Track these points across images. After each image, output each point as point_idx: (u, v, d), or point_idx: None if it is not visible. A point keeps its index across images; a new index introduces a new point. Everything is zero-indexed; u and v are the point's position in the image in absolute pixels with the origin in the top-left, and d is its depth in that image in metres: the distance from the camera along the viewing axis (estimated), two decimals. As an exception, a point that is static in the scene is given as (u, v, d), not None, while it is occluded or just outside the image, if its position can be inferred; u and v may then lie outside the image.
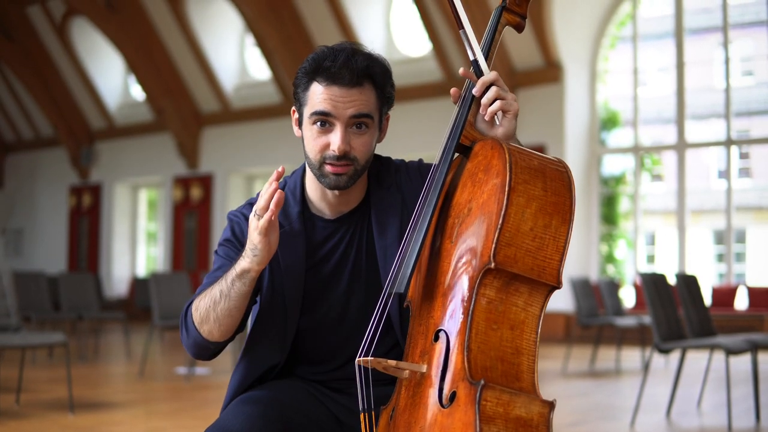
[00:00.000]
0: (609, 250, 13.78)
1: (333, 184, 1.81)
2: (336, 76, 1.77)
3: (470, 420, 1.46)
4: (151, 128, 17.76)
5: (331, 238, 1.90)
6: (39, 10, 17.90)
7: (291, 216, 1.90)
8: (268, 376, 1.92)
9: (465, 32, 1.77)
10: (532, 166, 1.61)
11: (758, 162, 21.86)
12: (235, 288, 1.73)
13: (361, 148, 1.80)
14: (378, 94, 1.82)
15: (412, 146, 13.14)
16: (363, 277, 1.90)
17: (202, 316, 1.79)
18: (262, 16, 13.97)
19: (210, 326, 1.79)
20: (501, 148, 1.62)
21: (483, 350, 1.54)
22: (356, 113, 1.77)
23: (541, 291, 1.58)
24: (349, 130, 1.79)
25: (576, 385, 7.48)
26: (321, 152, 1.80)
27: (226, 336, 1.81)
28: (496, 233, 1.54)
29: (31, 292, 8.89)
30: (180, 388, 6.95)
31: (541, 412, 1.51)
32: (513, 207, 1.55)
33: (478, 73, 1.76)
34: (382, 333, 1.80)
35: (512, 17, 1.86)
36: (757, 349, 5.23)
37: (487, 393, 1.47)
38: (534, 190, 1.58)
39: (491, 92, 1.72)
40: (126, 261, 18.60)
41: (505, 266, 1.54)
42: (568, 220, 1.59)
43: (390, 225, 1.89)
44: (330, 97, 1.77)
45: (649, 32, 16.29)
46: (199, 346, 1.83)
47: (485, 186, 1.61)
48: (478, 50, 1.77)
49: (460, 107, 1.78)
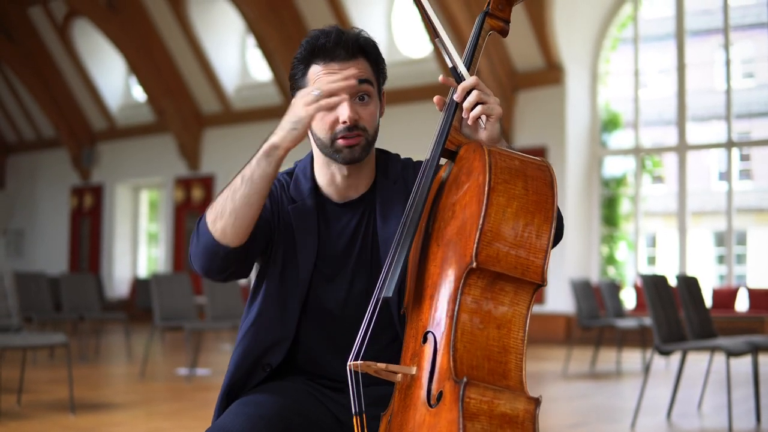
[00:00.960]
0: (610, 251, 13.78)
1: (348, 157, 1.84)
2: (332, 53, 1.82)
3: (454, 418, 1.47)
4: (152, 129, 17.78)
5: (339, 220, 1.93)
6: (40, 10, 17.92)
7: (303, 192, 1.93)
8: (270, 355, 1.91)
9: (440, 40, 1.80)
10: (513, 166, 1.63)
11: (759, 164, 21.86)
12: (260, 168, 1.71)
13: (368, 118, 1.85)
14: (373, 67, 1.88)
15: (413, 147, 13.10)
16: (367, 264, 1.92)
17: (218, 211, 1.74)
18: (263, 17, 13.99)
19: (225, 222, 1.73)
20: (481, 150, 1.64)
21: (469, 349, 1.55)
22: (358, 78, 1.81)
23: (526, 289, 1.59)
24: (353, 101, 1.83)
25: (576, 387, 7.49)
26: (331, 129, 1.83)
27: (238, 237, 1.74)
28: (477, 233, 1.55)
29: (32, 292, 8.89)
30: (181, 388, 6.95)
31: (526, 409, 1.51)
32: (493, 207, 1.57)
33: (457, 80, 1.79)
34: (378, 331, 1.80)
35: (495, 22, 1.87)
36: (758, 351, 5.23)
37: (471, 390, 1.48)
38: (514, 190, 1.60)
39: (472, 96, 1.74)
40: (127, 262, 18.61)
41: (487, 266, 1.55)
42: (550, 218, 1.60)
43: (392, 218, 1.91)
44: (330, 73, 1.82)
45: (650, 34, 16.28)
46: (209, 251, 1.76)
47: (467, 188, 1.64)
48: (456, 57, 1.79)
49: (445, 113, 1.80)
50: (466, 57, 1.83)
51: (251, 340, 1.91)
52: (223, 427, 1.76)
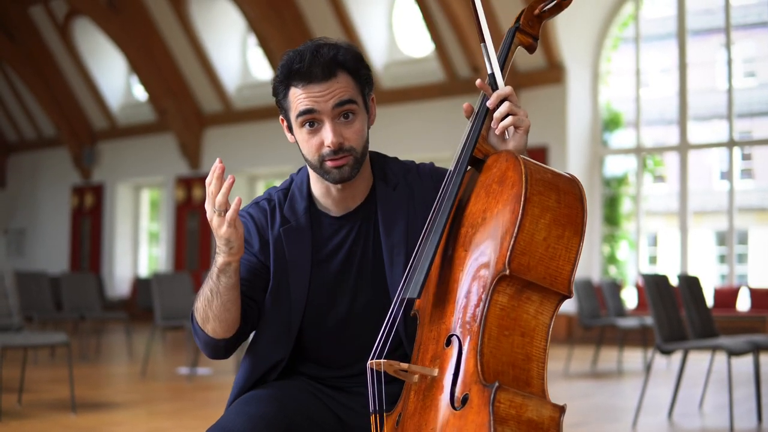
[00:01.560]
0: (611, 251, 13.77)
1: (338, 177, 1.83)
2: (308, 75, 1.79)
3: (484, 421, 1.49)
4: (153, 128, 17.78)
5: (336, 234, 1.92)
6: (41, 10, 17.92)
7: (298, 212, 1.92)
8: (272, 374, 1.92)
9: (485, 46, 1.80)
10: (546, 178, 1.66)
11: (760, 163, 21.85)
12: (222, 283, 1.76)
13: (354, 136, 1.82)
14: (354, 79, 1.84)
15: (415, 147, 13.15)
16: (369, 275, 1.91)
17: (202, 316, 1.82)
18: (264, 16, 13.99)
19: (212, 324, 1.81)
20: (516, 161, 1.66)
21: (495, 355, 1.57)
22: (338, 102, 1.79)
23: (552, 300, 1.62)
24: (337, 122, 1.81)
25: (578, 386, 7.48)
26: (317, 151, 1.82)
27: (231, 331, 1.83)
28: (511, 241, 1.58)
29: (33, 292, 8.89)
30: (182, 388, 6.95)
31: (552, 416, 1.55)
32: (528, 217, 1.60)
33: (493, 87, 1.80)
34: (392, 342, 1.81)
35: (525, 38, 1.89)
36: (759, 351, 5.22)
37: (501, 395, 1.50)
38: (548, 202, 1.63)
39: (504, 107, 1.76)
40: (128, 261, 18.61)
41: (519, 273, 1.58)
42: (580, 231, 1.65)
43: (397, 224, 1.90)
44: (309, 96, 1.79)
45: (651, 33, 16.27)
46: (210, 345, 1.86)
47: (500, 196, 1.65)
48: (496, 64, 1.80)
49: (474, 121, 1.80)
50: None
51: (251, 364, 1.93)
52: (225, 426, 1.76)
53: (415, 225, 1.86)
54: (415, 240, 1.80)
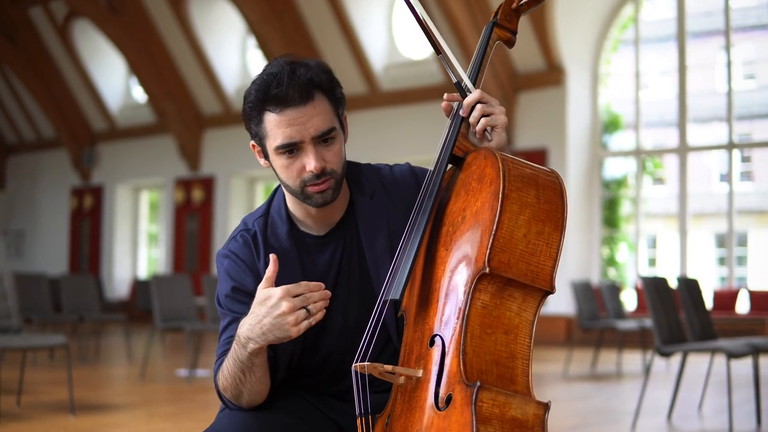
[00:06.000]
0: (610, 253, 13.78)
1: (320, 201, 1.80)
2: (286, 99, 1.73)
3: (467, 421, 1.48)
4: (152, 130, 17.78)
5: (322, 254, 1.89)
6: (41, 11, 17.93)
7: (280, 236, 1.88)
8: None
9: (444, 56, 1.79)
10: (525, 174, 1.65)
11: (760, 165, 21.85)
12: (256, 363, 1.71)
13: (335, 159, 1.79)
14: (330, 100, 1.80)
15: (414, 148, 13.14)
16: (357, 290, 1.89)
17: (234, 394, 1.77)
18: (264, 18, 13.99)
19: (247, 399, 1.77)
20: (494, 158, 1.65)
21: (478, 354, 1.56)
22: (319, 133, 1.75)
23: (534, 296, 1.61)
24: (317, 146, 1.77)
25: (577, 389, 7.48)
26: (299, 177, 1.78)
27: (266, 394, 1.79)
28: (490, 239, 1.57)
29: (32, 293, 8.89)
30: (181, 390, 6.95)
31: (536, 414, 1.54)
32: (507, 214, 1.59)
33: (462, 94, 1.79)
34: (382, 344, 1.80)
35: (503, 33, 1.88)
36: (759, 353, 5.22)
37: (483, 394, 1.50)
38: (527, 198, 1.62)
39: (477, 111, 1.75)
40: (127, 263, 18.61)
41: (499, 271, 1.57)
42: (560, 227, 1.63)
43: (378, 235, 1.88)
44: (287, 122, 1.74)
45: (651, 35, 16.28)
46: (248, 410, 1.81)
47: (479, 194, 1.64)
48: (461, 71, 1.79)
49: (452, 121, 1.80)
50: (473, 68, 1.83)
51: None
52: (219, 430, 1.76)
53: (398, 229, 1.84)
54: (399, 244, 1.78)
